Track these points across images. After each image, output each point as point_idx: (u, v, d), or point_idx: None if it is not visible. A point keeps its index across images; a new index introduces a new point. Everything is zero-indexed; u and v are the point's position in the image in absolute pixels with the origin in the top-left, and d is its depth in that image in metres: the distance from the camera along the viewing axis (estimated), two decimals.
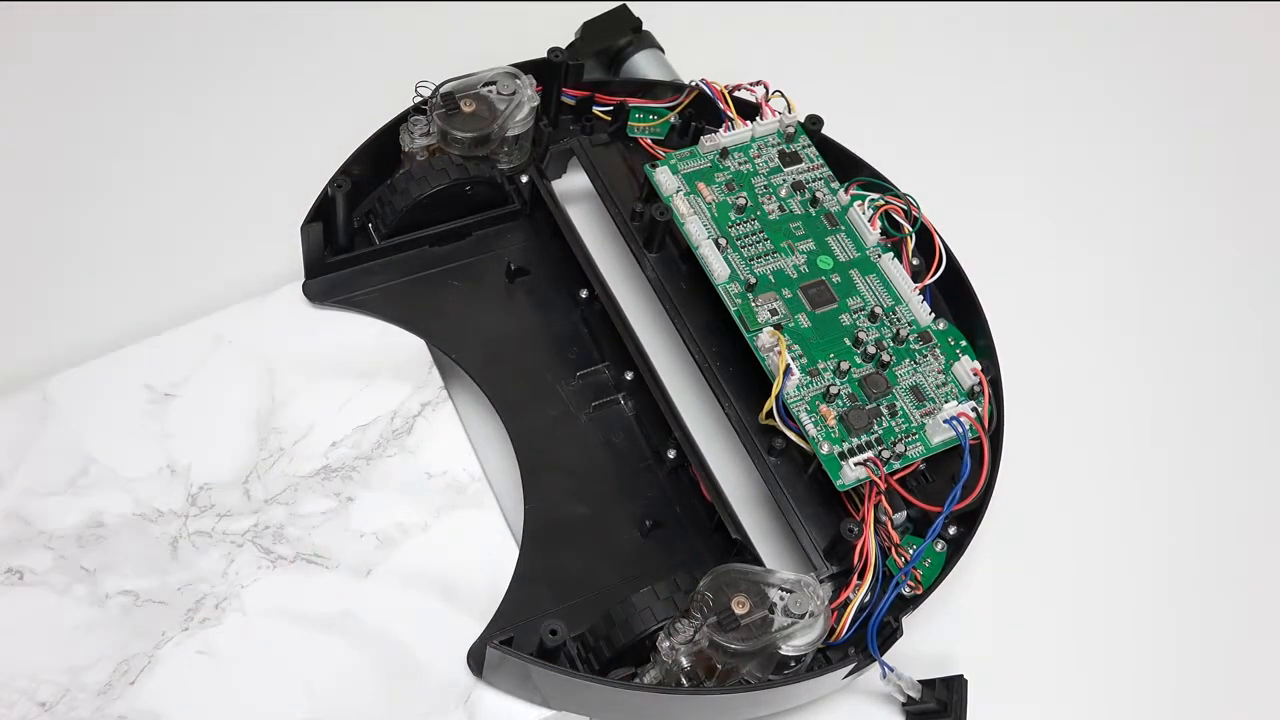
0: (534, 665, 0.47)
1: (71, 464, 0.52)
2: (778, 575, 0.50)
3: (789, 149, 0.63)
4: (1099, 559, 0.61)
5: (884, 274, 0.60)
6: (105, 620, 0.49)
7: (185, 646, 0.49)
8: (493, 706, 0.49)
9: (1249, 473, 0.65)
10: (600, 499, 0.55)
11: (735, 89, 0.64)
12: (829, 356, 0.56)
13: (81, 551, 0.50)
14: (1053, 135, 0.77)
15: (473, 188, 0.60)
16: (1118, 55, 0.82)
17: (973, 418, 0.54)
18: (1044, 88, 0.79)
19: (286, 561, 0.51)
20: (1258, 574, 0.62)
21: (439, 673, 0.50)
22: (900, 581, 0.52)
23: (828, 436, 0.54)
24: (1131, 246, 0.73)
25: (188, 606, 0.50)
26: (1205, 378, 0.68)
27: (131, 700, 0.48)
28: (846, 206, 0.61)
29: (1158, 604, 0.60)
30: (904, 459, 0.54)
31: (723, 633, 0.48)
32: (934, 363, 0.57)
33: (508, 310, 0.60)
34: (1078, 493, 0.63)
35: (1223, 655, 0.59)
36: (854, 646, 0.52)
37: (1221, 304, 0.72)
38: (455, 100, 0.60)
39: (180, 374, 0.55)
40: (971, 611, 0.58)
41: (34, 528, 0.51)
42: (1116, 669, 0.58)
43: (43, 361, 0.55)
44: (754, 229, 0.60)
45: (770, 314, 0.57)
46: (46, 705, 0.47)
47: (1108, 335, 0.69)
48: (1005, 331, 0.59)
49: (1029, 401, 0.61)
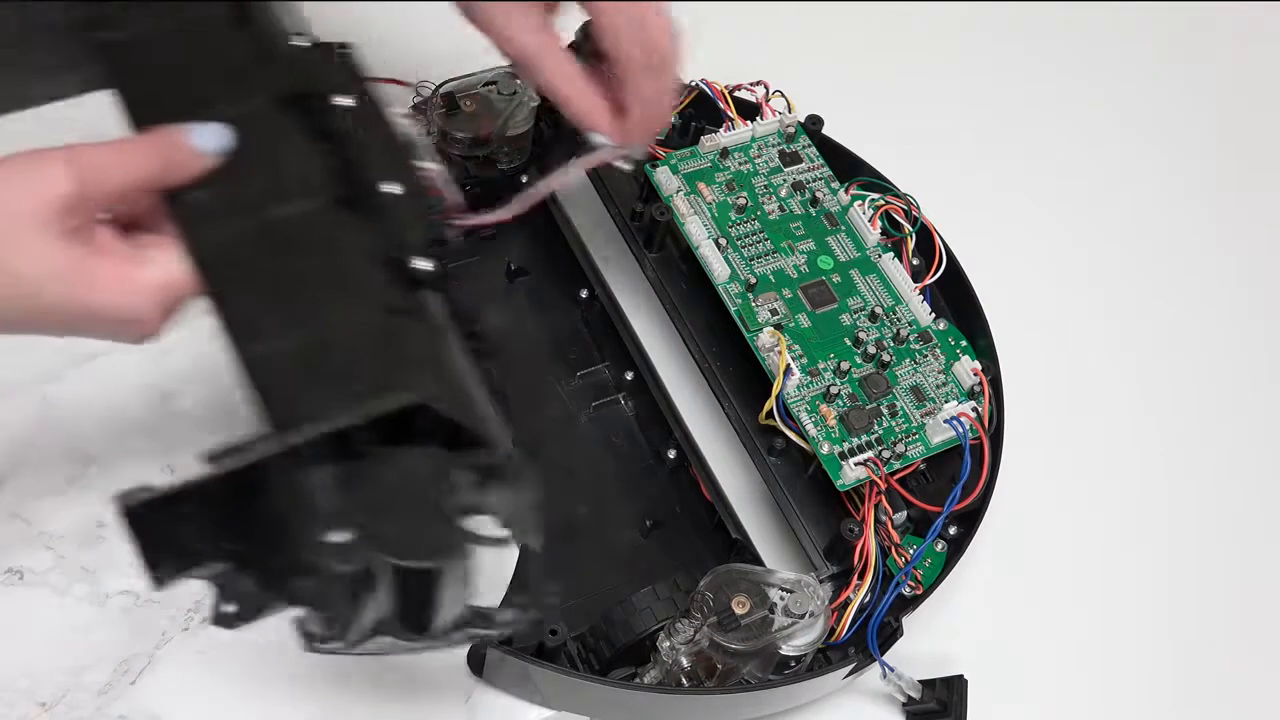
0: (534, 665, 0.47)
1: (72, 464, 0.52)
2: (778, 575, 0.50)
3: (789, 149, 0.63)
4: (1099, 559, 0.61)
5: (884, 274, 0.60)
6: (106, 620, 0.49)
7: (185, 646, 0.49)
8: (493, 706, 0.49)
9: (1249, 472, 0.65)
10: (600, 499, 0.55)
11: (735, 89, 0.64)
12: (829, 356, 0.56)
13: (82, 551, 0.50)
14: (1053, 135, 0.77)
15: (472, 187, 0.60)
16: (1118, 55, 0.81)
17: (973, 418, 0.54)
18: (1044, 88, 0.79)
19: None
20: (1257, 573, 0.62)
21: (440, 672, 0.50)
22: (900, 581, 0.53)
23: (828, 436, 0.54)
24: (1132, 246, 0.73)
25: (188, 606, 0.50)
26: (1206, 377, 0.68)
27: (132, 700, 0.48)
28: (847, 206, 0.61)
29: (1157, 604, 0.60)
30: (904, 459, 0.54)
31: (723, 633, 0.48)
32: (934, 363, 0.57)
33: (507, 310, 0.60)
34: (1078, 493, 0.63)
35: (1222, 655, 0.59)
36: (854, 646, 0.52)
37: (1222, 303, 0.71)
38: (455, 100, 0.60)
39: (181, 374, 0.55)
40: (972, 611, 0.58)
41: (34, 528, 0.51)
42: (1116, 669, 0.58)
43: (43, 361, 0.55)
44: (754, 229, 0.60)
45: (770, 314, 0.57)
46: (47, 705, 0.47)
47: (1108, 335, 0.69)
48: (1005, 331, 0.59)
49: (1029, 401, 0.61)
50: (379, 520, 0.37)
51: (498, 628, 0.41)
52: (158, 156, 0.40)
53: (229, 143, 0.41)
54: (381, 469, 0.38)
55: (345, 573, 0.37)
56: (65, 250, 0.39)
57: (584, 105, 0.50)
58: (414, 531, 0.37)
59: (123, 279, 0.39)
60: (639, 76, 0.49)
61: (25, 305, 0.39)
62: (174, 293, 0.40)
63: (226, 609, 0.39)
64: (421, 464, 0.39)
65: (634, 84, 0.49)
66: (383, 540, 0.36)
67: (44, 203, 0.38)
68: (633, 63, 0.49)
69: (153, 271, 0.40)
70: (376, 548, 0.36)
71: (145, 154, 0.40)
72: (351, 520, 0.36)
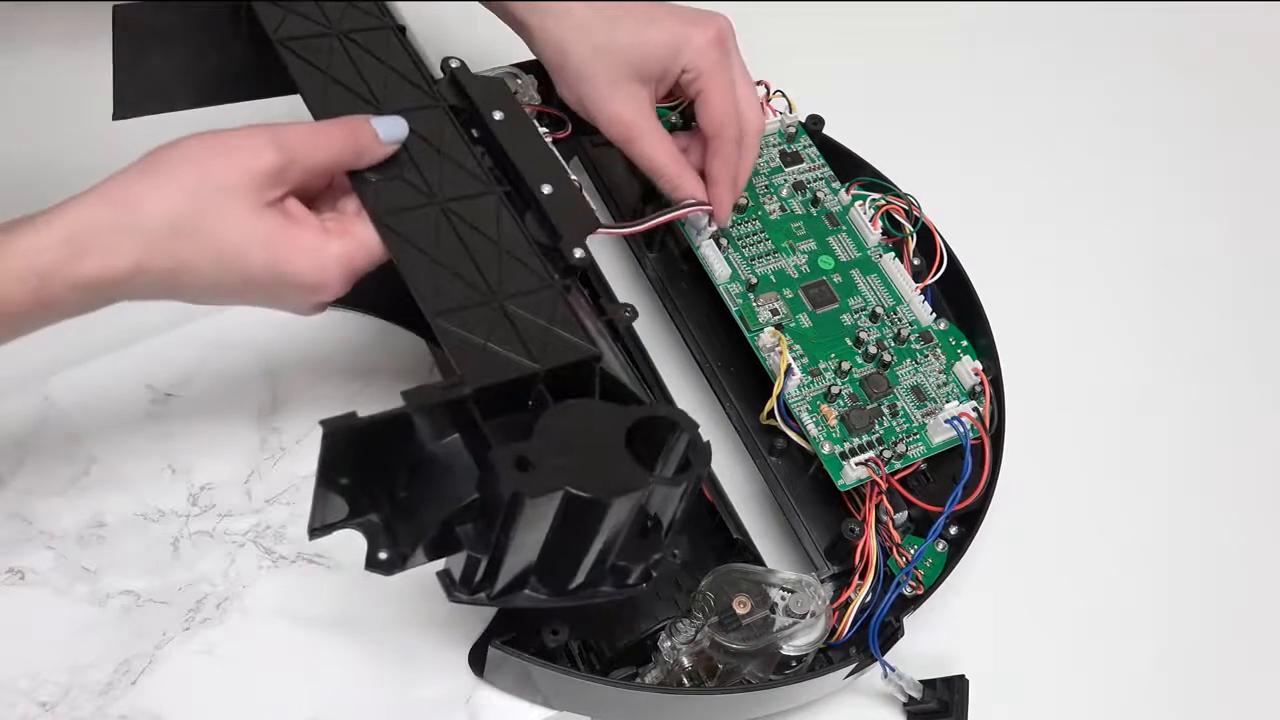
0: (535, 665, 0.47)
1: (72, 464, 0.52)
2: (779, 575, 0.50)
3: (790, 149, 0.63)
4: (1100, 559, 0.61)
5: (885, 274, 0.60)
6: (106, 620, 0.49)
7: (186, 646, 0.49)
8: (494, 706, 0.49)
9: (1250, 472, 0.65)
10: None
11: None
12: (830, 356, 0.56)
13: (82, 551, 0.50)
14: (1054, 134, 0.77)
15: None
16: (1118, 55, 0.82)
17: (974, 417, 0.54)
18: (1044, 87, 0.79)
19: (288, 561, 0.51)
20: (1258, 573, 0.62)
21: (440, 672, 0.50)
22: (901, 581, 0.53)
23: (829, 436, 0.54)
24: (1132, 246, 0.73)
25: (189, 606, 0.50)
26: (1207, 376, 0.68)
27: (132, 700, 0.47)
28: (847, 206, 0.61)
29: (1158, 603, 0.60)
30: (905, 459, 0.54)
31: (724, 632, 0.48)
32: (935, 363, 0.57)
33: None
34: (1079, 492, 0.63)
35: (1222, 654, 0.59)
36: (855, 646, 0.52)
37: (1223, 302, 0.72)
38: None
39: (181, 374, 0.55)
40: (973, 611, 0.58)
41: (35, 528, 0.51)
42: (1117, 669, 0.58)
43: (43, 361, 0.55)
44: (755, 229, 0.60)
45: (771, 314, 0.57)
46: (47, 705, 0.47)
47: (1109, 334, 0.69)
48: (1006, 331, 0.59)
49: (1030, 401, 0.61)
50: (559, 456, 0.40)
51: (626, 588, 0.44)
52: (351, 140, 0.45)
53: (404, 134, 0.47)
54: (559, 416, 0.42)
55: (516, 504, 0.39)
56: (267, 219, 0.42)
57: (679, 180, 0.55)
58: (593, 467, 0.41)
59: (316, 247, 0.43)
60: (730, 151, 0.54)
61: (234, 270, 0.42)
62: (357, 263, 0.45)
63: (381, 555, 0.42)
64: (597, 411, 0.43)
65: (725, 156, 0.54)
66: (565, 472, 0.40)
67: (250, 176, 0.42)
68: (726, 141, 0.54)
69: (342, 243, 0.44)
70: (560, 479, 0.39)
71: (341, 137, 0.45)
72: (534, 454, 0.39)
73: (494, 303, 0.45)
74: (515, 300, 0.45)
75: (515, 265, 0.47)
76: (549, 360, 0.44)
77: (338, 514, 0.42)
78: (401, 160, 0.48)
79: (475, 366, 0.43)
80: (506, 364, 0.43)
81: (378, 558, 0.42)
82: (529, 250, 0.47)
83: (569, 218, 0.50)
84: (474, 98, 0.52)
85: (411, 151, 0.48)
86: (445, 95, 0.51)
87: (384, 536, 0.42)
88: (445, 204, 0.47)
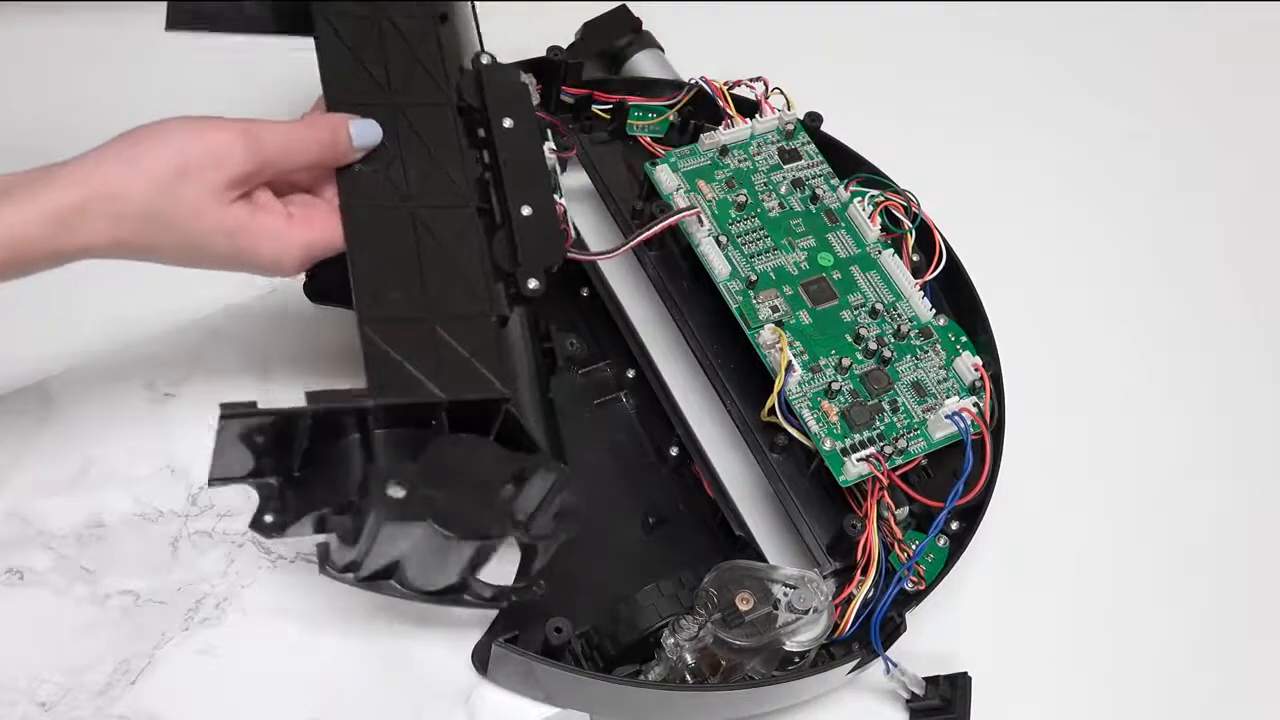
0: (538, 663, 0.47)
1: (71, 464, 0.52)
2: (781, 571, 0.50)
3: (789, 146, 0.63)
4: (1101, 554, 0.61)
5: (884, 270, 0.60)
6: (105, 620, 0.49)
7: (186, 646, 0.49)
8: (497, 704, 0.49)
9: (1250, 468, 0.65)
10: (603, 497, 0.55)
11: (734, 86, 0.64)
12: (830, 353, 0.56)
13: (82, 551, 0.50)
14: (1052, 130, 0.77)
15: None
16: (1117, 54, 0.82)
17: (974, 413, 0.54)
18: (1043, 83, 0.79)
19: (287, 561, 0.51)
20: (1258, 571, 0.62)
21: (442, 670, 0.49)
22: (903, 577, 0.52)
23: (830, 433, 0.54)
24: (1132, 241, 0.73)
25: (188, 606, 0.50)
26: (1206, 371, 0.68)
27: (132, 700, 0.47)
28: (846, 203, 0.61)
29: (1159, 598, 0.60)
30: (906, 455, 0.54)
31: (727, 629, 0.48)
32: (935, 358, 0.57)
33: None
34: (1080, 487, 0.63)
35: (1223, 651, 0.59)
36: (857, 642, 0.52)
37: (1222, 299, 0.72)
38: None
39: (180, 374, 0.55)
40: (975, 607, 0.58)
41: (34, 528, 0.50)
42: (1119, 665, 0.58)
43: (43, 361, 0.55)
44: (754, 226, 0.60)
45: (771, 311, 0.57)
46: (47, 705, 0.47)
47: (1108, 329, 0.69)
48: (1006, 327, 0.59)
49: (1030, 396, 0.61)
50: (433, 488, 0.41)
51: (486, 601, 0.46)
52: (330, 141, 0.47)
53: (376, 140, 0.48)
54: (449, 447, 0.43)
55: (380, 520, 0.41)
56: (232, 213, 0.45)
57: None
58: (461, 507, 0.42)
59: (277, 234, 0.46)
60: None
61: (199, 254, 0.46)
62: (316, 252, 0.47)
63: (266, 518, 0.44)
64: (486, 452, 0.44)
65: None
66: (431, 506, 0.41)
67: (224, 178, 0.45)
68: None
69: (305, 233, 0.47)
70: (424, 511, 0.41)
71: (313, 139, 0.47)
72: (409, 481, 0.41)
73: (426, 322, 0.45)
74: (447, 323, 0.45)
75: (461, 286, 0.47)
76: (456, 391, 0.44)
77: (239, 470, 0.43)
78: (390, 155, 0.48)
79: (384, 381, 0.43)
80: (415, 386, 0.43)
81: (264, 520, 0.44)
82: (481, 273, 0.47)
83: (535, 246, 0.49)
84: (488, 102, 0.51)
85: (403, 148, 0.48)
86: (464, 92, 0.51)
87: (275, 502, 0.44)
88: (416, 209, 0.48)
